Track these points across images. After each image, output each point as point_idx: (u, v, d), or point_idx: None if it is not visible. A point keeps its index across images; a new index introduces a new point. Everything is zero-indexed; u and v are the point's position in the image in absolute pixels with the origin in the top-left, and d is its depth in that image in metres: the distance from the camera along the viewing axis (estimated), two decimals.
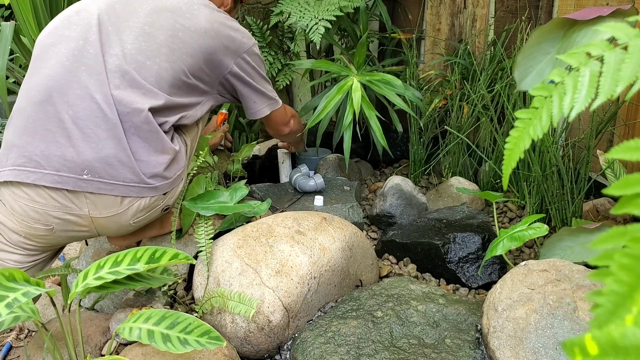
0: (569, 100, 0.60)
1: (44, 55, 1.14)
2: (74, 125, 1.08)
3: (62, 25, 1.17)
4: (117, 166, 1.09)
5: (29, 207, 1.09)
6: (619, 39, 0.58)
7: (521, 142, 0.65)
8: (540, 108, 0.63)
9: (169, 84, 1.17)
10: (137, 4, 1.21)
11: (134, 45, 1.15)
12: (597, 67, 0.59)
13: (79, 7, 1.21)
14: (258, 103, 1.43)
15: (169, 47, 1.17)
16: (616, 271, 0.38)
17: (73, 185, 1.07)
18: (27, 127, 1.09)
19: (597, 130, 1.45)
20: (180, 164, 1.21)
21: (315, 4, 1.81)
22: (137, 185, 1.12)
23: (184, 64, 1.19)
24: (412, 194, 1.68)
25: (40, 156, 1.07)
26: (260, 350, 1.14)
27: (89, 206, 1.10)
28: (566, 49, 1.00)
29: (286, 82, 2.07)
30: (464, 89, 1.86)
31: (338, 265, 1.25)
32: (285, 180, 1.93)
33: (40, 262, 1.23)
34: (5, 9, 2.85)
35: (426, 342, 1.09)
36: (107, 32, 1.16)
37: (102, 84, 1.10)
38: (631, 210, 0.42)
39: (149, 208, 1.17)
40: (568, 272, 1.05)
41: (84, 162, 1.07)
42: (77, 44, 1.13)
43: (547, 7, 1.81)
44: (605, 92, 0.56)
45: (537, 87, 0.64)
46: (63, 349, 1.14)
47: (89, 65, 1.11)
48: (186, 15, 1.22)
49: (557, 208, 1.48)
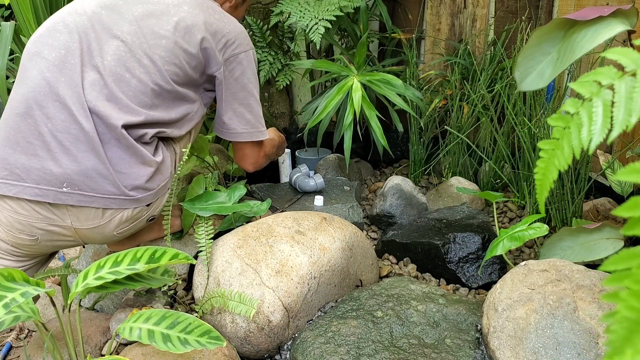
0: (587, 133, 0.60)
1: (28, 65, 1.13)
2: (53, 138, 1.07)
3: (47, 33, 1.14)
4: (97, 179, 1.08)
5: (13, 219, 1.10)
6: (626, 66, 0.57)
7: (549, 173, 0.66)
8: (561, 139, 0.64)
9: (150, 96, 1.14)
10: (125, 9, 1.17)
11: (114, 56, 1.12)
12: (609, 96, 0.59)
13: (67, 12, 1.18)
14: (234, 121, 1.29)
15: (150, 57, 1.14)
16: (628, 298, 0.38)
17: (53, 198, 1.07)
18: (9, 139, 1.08)
19: None
20: (165, 174, 1.18)
21: (315, 4, 1.81)
22: (118, 198, 1.11)
23: (167, 73, 1.15)
24: (412, 194, 1.68)
25: (21, 169, 1.07)
26: (260, 350, 1.14)
27: (71, 218, 1.10)
28: (566, 49, 1.00)
29: (286, 82, 2.07)
30: (464, 89, 1.86)
31: (338, 265, 1.25)
32: (285, 180, 1.93)
33: (32, 266, 1.24)
34: (5, 9, 2.85)
35: (426, 342, 1.09)
36: (89, 41, 1.13)
37: (79, 96, 1.08)
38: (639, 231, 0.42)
39: (133, 219, 1.17)
40: (568, 272, 1.05)
41: (63, 175, 1.07)
42: (59, 54, 1.11)
43: (547, 7, 1.81)
44: (620, 124, 0.56)
45: (554, 117, 0.64)
46: (63, 349, 1.14)
47: (68, 77, 1.09)
48: (173, 19, 1.18)
49: (557, 208, 1.48)
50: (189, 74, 1.20)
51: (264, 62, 2.04)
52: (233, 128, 1.30)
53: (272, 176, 1.99)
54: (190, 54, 1.18)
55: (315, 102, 1.88)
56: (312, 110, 1.86)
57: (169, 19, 1.18)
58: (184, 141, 1.27)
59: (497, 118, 1.76)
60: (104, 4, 1.18)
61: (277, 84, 2.09)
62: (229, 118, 1.29)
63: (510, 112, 1.63)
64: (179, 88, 1.19)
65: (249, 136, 1.32)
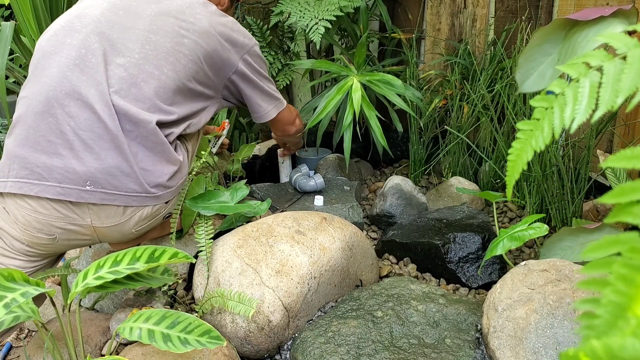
0: (570, 112, 0.60)
1: (45, 63, 1.12)
2: (76, 137, 1.07)
3: (63, 32, 1.15)
4: (120, 177, 1.09)
5: (32, 218, 1.09)
6: (618, 48, 0.57)
7: (524, 154, 0.65)
8: (541, 119, 0.63)
9: (175, 93, 1.16)
10: (140, 9, 1.19)
11: (142, 54, 1.13)
12: (597, 77, 0.59)
13: (80, 10, 1.19)
14: (264, 105, 1.42)
15: (175, 55, 1.16)
16: (615, 281, 0.38)
17: (76, 197, 1.07)
18: (29, 138, 1.08)
19: (597, 130, 1.45)
20: (183, 172, 1.21)
21: (315, 4, 1.81)
22: (140, 195, 1.11)
23: (189, 71, 1.18)
24: (412, 194, 1.68)
25: (43, 168, 1.06)
26: (260, 350, 1.14)
27: (92, 216, 1.10)
28: (567, 50, 1.00)
29: (286, 82, 2.07)
30: (464, 89, 1.86)
31: (338, 265, 1.25)
32: (285, 180, 1.93)
33: (43, 266, 1.23)
34: (5, 9, 2.84)
35: (426, 342, 1.09)
36: (111, 39, 1.13)
37: (102, 95, 1.08)
38: (624, 218, 0.42)
39: (152, 216, 1.17)
40: (568, 272, 1.05)
41: (87, 174, 1.07)
42: (79, 53, 1.11)
43: (547, 7, 1.81)
44: (606, 103, 0.56)
45: (537, 99, 0.64)
46: (63, 349, 1.14)
47: (90, 75, 1.09)
48: (189, 20, 1.21)
49: (557, 208, 1.48)
50: (208, 74, 1.24)
51: None
52: (265, 110, 1.43)
53: (272, 176, 1.98)
54: (208, 53, 1.22)
55: (315, 102, 1.88)
56: (311, 110, 1.86)
57: (186, 19, 1.21)
58: (194, 140, 1.29)
59: (497, 118, 1.76)
60: (116, 5, 1.19)
61: (277, 84, 2.09)
62: (260, 103, 1.41)
63: (510, 112, 1.64)
64: (199, 87, 1.22)
65: (276, 110, 1.45)
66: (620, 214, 0.42)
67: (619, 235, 0.40)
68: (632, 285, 0.37)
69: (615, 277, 0.38)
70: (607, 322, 0.37)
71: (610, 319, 0.37)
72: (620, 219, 0.42)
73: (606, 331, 0.37)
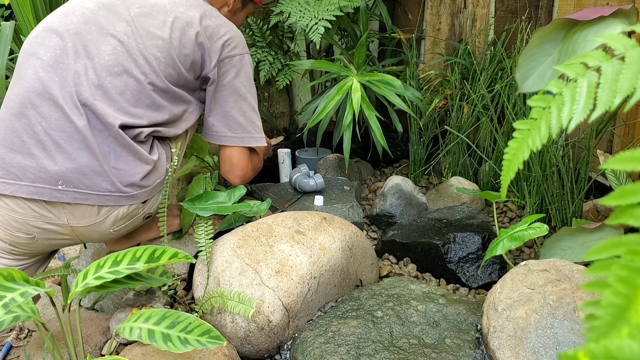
0: (568, 112, 0.60)
1: (24, 64, 1.13)
2: (48, 137, 1.08)
3: (43, 33, 1.15)
4: (92, 176, 1.09)
5: (10, 217, 1.11)
6: (616, 49, 0.58)
7: (520, 153, 0.65)
8: (539, 119, 0.63)
9: (146, 96, 1.14)
10: (122, 9, 1.17)
11: (111, 56, 1.13)
12: (595, 78, 0.59)
13: (63, 12, 1.18)
14: (223, 124, 1.27)
15: (146, 58, 1.14)
16: (614, 283, 0.38)
17: (49, 196, 1.08)
18: (5, 139, 1.10)
19: (597, 130, 1.46)
20: (160, 172, 1.19)
21: (315, 4, 1.81)
22: (113, 195, 1.12)
23: (162, 74, 1.16)
24: (412, 194, 1.68)
25: (17, 168, 1.08)
26: (260, 350, 1.14)
27: (67, 216, 1.11)
28: (567, 50, 1.00)
29: (286, 82, 2.07)
30: (464, 89, 1.86)
31: (338, 265, 1.25)
32: (285, 180, 1.93)
33: (31, 265, 1.24)
34: (5, 9, 2.84)
35: (426, 342, 1.09)
36: (84, 41, 1.13)
37: (71, 95, 1.09)
38: (625, 220, 0.42)
39: (129, 217, 1.17)
40: (568, 272, 1.05)
41: (58, 173, 1.08)
42: (54, 54, 1.12)
43: (547, 7, 1.81)
44: (604, 104, 0.56)
45: (535, 98, 0.64)
46: (63, 348, 1.14)
47: (61, 76, 1.10)
48: (169, 19, 1.18)
49: (557, 208, 1.48)
50: (184, 76, 1.20)
51: (264, 62, 2.04)
52: (222, 131, 1.28)
53: (272, 176, 1.99)
54: (185, 55, 1.19)
55: (315, 102, 1.88)
56: (311, 110, 1.86)
57: (165, 19, 1.18)
58: (180, 140, 1.28)
59: (497, 118, 1.76)
60: (101, 3, 1.18)
61: (277, 84, 2.09)
62: (217, 120, 1.27)
63: (510, 112, 1.64)
64: (174, 88, 1.19)
65: (239, 140, 1.29)
66: (622, 216, 0.42)
67: (622, 237, 0.40)
68: (631, 287, 0.37)
69: (615, 279, 0.38)
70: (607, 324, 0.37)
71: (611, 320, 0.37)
72: (621, 221, 0.42)
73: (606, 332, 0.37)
